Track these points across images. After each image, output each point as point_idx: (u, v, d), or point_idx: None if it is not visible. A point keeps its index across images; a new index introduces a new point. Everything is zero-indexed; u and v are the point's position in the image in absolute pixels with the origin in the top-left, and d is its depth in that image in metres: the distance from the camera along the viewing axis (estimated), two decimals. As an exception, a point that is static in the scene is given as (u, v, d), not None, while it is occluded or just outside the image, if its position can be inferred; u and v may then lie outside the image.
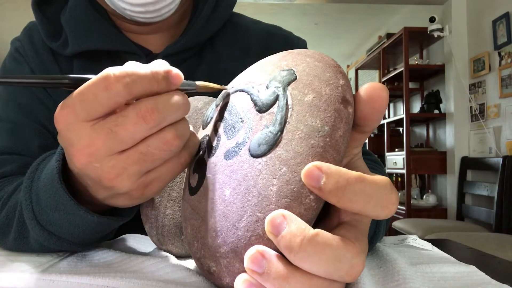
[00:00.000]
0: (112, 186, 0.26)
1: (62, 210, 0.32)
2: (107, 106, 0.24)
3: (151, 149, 0.25)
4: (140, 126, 0.24)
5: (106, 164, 0.24)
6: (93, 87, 0.23)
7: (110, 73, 0.23)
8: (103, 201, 0.29)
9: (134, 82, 0.23)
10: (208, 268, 0.24)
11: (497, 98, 2.40)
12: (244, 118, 0.26)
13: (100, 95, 0.23)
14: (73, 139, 0.24)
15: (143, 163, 0.25)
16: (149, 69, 0.24)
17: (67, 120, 0.24)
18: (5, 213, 0.40)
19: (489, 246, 1.67)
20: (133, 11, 0.49)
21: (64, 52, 0.55)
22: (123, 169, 0.25)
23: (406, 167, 2.81)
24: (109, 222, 0.34)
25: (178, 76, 0.26)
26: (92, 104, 0.23)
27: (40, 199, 0.33)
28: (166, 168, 0.27)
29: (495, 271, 0.36)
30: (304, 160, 0.21)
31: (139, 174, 0.26)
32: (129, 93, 0.23)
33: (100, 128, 0.24)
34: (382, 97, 0.23)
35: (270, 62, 0.28)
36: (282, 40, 0.65)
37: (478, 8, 2.59)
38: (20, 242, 0.39)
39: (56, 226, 0.34)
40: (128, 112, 0.24)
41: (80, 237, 0.35)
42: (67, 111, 0.24)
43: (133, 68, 0.24)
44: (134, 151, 0.24)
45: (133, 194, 0.27)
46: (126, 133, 0.24)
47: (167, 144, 0.25)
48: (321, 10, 3.70)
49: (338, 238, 0.20)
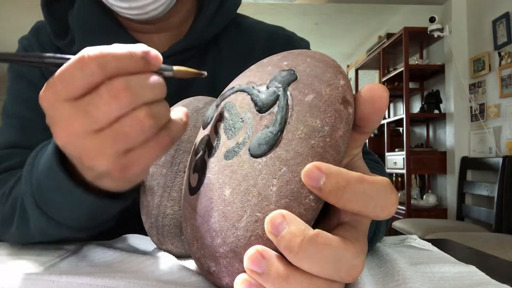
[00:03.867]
0: (92, 166, 0.26)
1: (61, 191, 0.32)
2: (83, 86, 0.24)
3: (125, 127, 0.25)
4: (112, 105, 0.24)
5: (85, 143, 0.25)
6: (70, 67, 0.24)
7: (85, 54, 0.23)
8: (93, 182, 0.30)
9: (108, 62, 0.23)
10: (207, 268, 0.25)
11: (497, 98, 2.40)
12: (244, 118, 0.26)
13: (76, 75, 0.23)
14: (55, 117, 0.25)
15: (118, 142, 0.25)
16: (126, 49, 0.24)
17: (50, 99, 0.24)
18: (8, 204, 0.42)
19: (489, 246, 1.67)
20: (119, 6, 0.50)
21: (71, 51, 0.56)
22: (100, 148, 0.25)
23: (406, 167, 2.81)
24: (105, 205, 0.34)
25: (157, 57, 0.25)
26: (69, 83, 0.24)
27: (40, 182, 0.34)
28: (145, 150, 0.27)
29: (495, 271, 0.36)
30: (304, 160, 0.21)
31: (116, 154, 0.26)
32: (103, 73, 0.24)
33: (77, 107, 0.24)
34: (382, 97, 0.23)
35: (271, 62, 0.28)
36: (285, 41, 0.65)
37: (478, 8, 2.59)
38: (21, 231, 0.40)
39: (55, 209, 0.34)
40: (100, 91, 0.24)
41: (80, 221, 0.35)
42: (49, 91, 0.24)
43: (109, 48, 0.24)
44: (110, 130, 0.25)
45: (114, 175, 0.27)
46: (100, 112, 0.24)
47: (139, 124, 0.25)
48: (321, 10, 3.70)
49: (338, 239, 0.20)
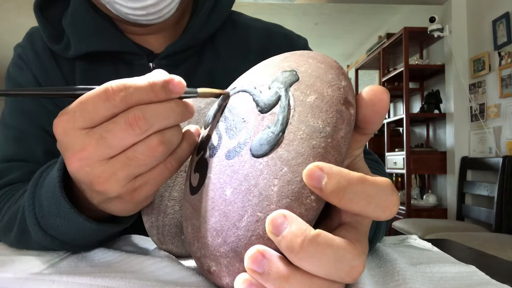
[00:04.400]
0: (102, 190, 0.27)
1: (63, 217, 0.33)
2: (104, 116, 0.25)
3: (137, 154, 0.26)
4: (127, 133, 0.25)
5: (97, 169, 0.26)
6: (94, 98, 0.25)
7: (109, 86, 0.25)
8: (99, 206, 0.31)
9: (131, 94, 0.25)
10: (208, 268, 0.25)
11: (497, 98, 2.40)
12: (246, 118, 0.26)
13: (99, 106, 0.25)
14: (68, 144, 0.26)
15: (130, 168, 0.26)
16: (147, 80, 0.25)
17: (65, 127, 0.25)
18: (7, 218, 0.42)
19: (489, 246, 1.67)
20: (135, 14, 0.50)
21: (66, 55, 0.56)
22: (112, 174, 0.26)
23: (406, 167, 2.81)
24: (107, 229, 0.35)
25: (180, 84, 0.26)
26: (91, 113, 0.25)
27: (43, 206, 0.35)
28: (153, 174, 0.28)
29: (495, 271, 0.36)
30: (305, 161, 0.21)
31: (127, 179, 0.27)
32: (125, 105, 0.25)
33: (92, 134, 0.25)
34: (383, 100, 0.23)
35: (273, 63, 0.28)
36: (282, 38, 0.65)
37: (478, 8, 2.59)
38: (21, 240, 0.41)
39: (58, 231, 0.35)
40: (117, 119, 0.25)
41: (82, 241, 0.37)
42: (66, 118, 0.25)
43: (131, 80, 0.25)
44: (122, 156, 0.26)
45: (124, 198, 0.29)
46: (115, 139, 0.25)
47: (152, 150, 0.26)
48: (321, 10, 3.70)
49: (339, 239, 0.20)
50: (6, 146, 0.55)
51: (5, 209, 0.44)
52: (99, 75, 0.56)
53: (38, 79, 0.57)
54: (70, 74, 0.57)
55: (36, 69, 0.57)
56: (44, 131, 0.55)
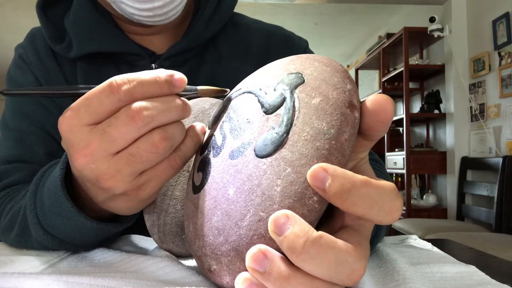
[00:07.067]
0: (108, 187, 0.27)
1: (64, 216, 0.33)
2: (109, 110, 0.25)
3: (140, 150, 0.26)
4: (129, 127, 0.25)
5: (102, 166, 0.26)
6: (99, 93, 0.25)
7: (113, 81, 0.25)
8: (102, 204, 0.31)
9: (135, 87, 0.25)
10: (208, 267, 0.25)
11: (497, 98, 2.40)
12: (250, 119, 0.26)
13: (104, 100, 0.25)
14: (73, 140, 0.26)
15: (133, 164, 0.26)
16: (151, 74, 0.26)
17: (70, 123, 0.25)
18: (9, 217, 0.42)
19: (489, 246, 1.67)
20: (141, 15, 0.50)
21: (68, 55, 0.56)
22: (117, 171, 0.26)
23: (406, 167, 2.81)
24: (107, 228, 0.35)
25: (182, 79, 0.27)
26: (96, 108, 0.25)
27: (44, 205, 0.35)
28: (157, 171, 0.28)
29: (495, 271, 0.36)
30: (309, 162, 0.21)
31: (132, 175, 0.27)
32: (130, 99, 0.25)
33: (96, 130, 0.25)
34: (387, 110, 0.23)
35: (278, 66, 0.28)
36: (283, 40, 0.65)
37: (478, 8, 2.59)
38: (21, 240, 0.41)
39: (58, 231, 0.35)
40: (119, 114, 0.25)
41: (82, 240, 0.37)
42: (70, 115, 0.26)
43: (135, 74, 0.26)
44: (125, 153, 0.26)
45: (129, 195, 0.29)
46: (117, 133, 0.25)
47: (154, 147, 0.26)
48: (321, 10, 3.69)
49: (341, 242, 0.20)
50: (7, 148, 0.54)
51: (7, 209, 0.44)
52: (101, 76, 0.56)
53: (39, 79, 0.57)
54: (71, 74, 0.57)
55: (37, 69, 0.57)
56: (45, 132, 0.55)
